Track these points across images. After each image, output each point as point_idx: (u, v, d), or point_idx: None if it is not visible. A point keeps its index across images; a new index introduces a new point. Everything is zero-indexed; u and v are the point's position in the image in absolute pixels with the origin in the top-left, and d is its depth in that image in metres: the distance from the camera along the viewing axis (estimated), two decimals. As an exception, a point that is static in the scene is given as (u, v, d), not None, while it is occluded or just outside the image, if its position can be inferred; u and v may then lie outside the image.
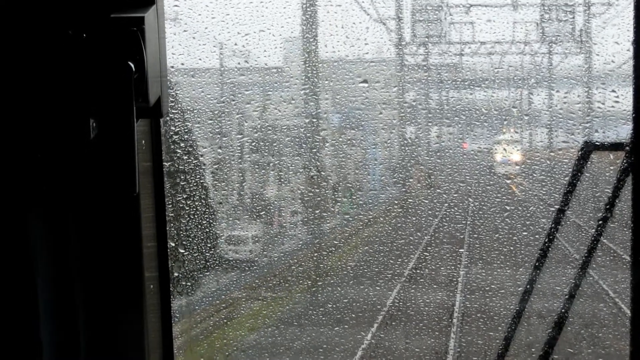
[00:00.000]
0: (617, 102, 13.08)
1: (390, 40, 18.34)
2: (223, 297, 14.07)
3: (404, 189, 18.10)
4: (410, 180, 17.98)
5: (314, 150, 16.98)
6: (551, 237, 4.84)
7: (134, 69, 2.04)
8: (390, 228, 16.71)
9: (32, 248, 2.11)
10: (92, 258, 2.23)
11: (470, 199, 16.32)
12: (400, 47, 18.69)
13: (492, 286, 13.26)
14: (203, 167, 15.02)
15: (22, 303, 2.12)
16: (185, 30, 12.64)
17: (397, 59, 18.68)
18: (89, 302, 2.24)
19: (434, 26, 19.38)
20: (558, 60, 18.76)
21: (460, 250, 15.58)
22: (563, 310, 4.64)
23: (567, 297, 4.71)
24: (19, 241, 2.10)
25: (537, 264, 4.86)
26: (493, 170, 19.05)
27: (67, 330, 2.21)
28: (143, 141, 2.30)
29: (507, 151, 19.99)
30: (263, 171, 16.78)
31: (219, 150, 15.09)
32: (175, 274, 10.49)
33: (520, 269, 12.91)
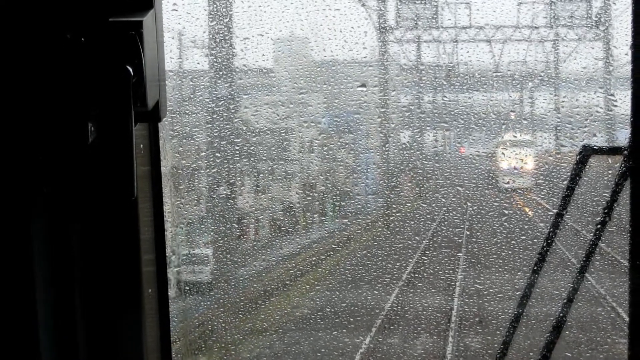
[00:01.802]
0: (615, 105, 13.07)
1: (373, 21, 17.71)
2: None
3: (393, 197, 17.87)
4: (408, 185, 17.85)
5: (306, 155, 16.94)
6: (549, 241, 4.84)
7: (132, 73, 2.04)
8: (384, 235, 16.70)
9: (31, 251, 2.11)
10: (90, 262, 2.23)
11: (469, 203, 16.29)
12: (386, 30, 18.02)
13: (490, 290, 13.26)
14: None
15: (21, 306, 2.12)
16: (183, 35, 12.66)
17: (385, 49, 18.00)
18: (88, 306, 2.24)
19: (426, 8, 18.50)
20: (559, 63, 18.47)
21: (458, 254, 15.58)
22: (561, 315, 4.64)
23: (565, 301, 4.71)
24: (18, 244, 2.10)
25: (535, 268, 4.86)
26: (495, 181, 18.02)
27: (65, 334, 2.21)
28: (141, 145, 2.30)
29: (510, 156, 18.05)
30: (238, 178, 16.34)
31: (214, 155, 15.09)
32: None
33: (519, 273, 12.92)
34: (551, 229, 4.87)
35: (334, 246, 17.05)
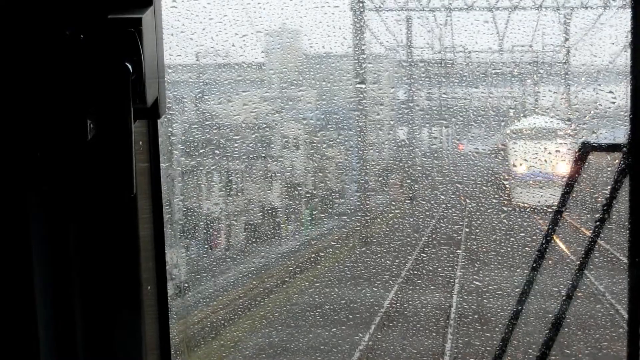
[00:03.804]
0: (613, 102, 13.02)
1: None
2: None
3: (392, 195, 17.66)
4: (408, 181, 17.71)
5: (303, 152, 16.88)
6: (548, 238, 4.84)
7: (131, 70, 2.04)
8: (383, 232, 16.70)
9: (30, 248, 2.11)
10: (89, 259, 2.23)
11: (468, 200, 16.25)
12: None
13: (489, 287, 13.27)
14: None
15: (20, 302, 2.12)
16: (183, 32, 12.65)
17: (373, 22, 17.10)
18: (87, 303, 2.24)
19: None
20: (557, 61, 18.02)
21: (457, 251, 15.59)
22: (560, 312, 4.64)
23: (564, 298, 4.71)
24: (16, 241, 2.10)
25: (534, 265, 4.86)
26: (504, 192, 12.70)
27: (64, 332, 2.20)
28: (140, 142, 2.30)
29: (530, 154, 12.41)
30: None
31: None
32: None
33: (517, 270, 12.92)
34: (550, 226, 4.87)
35: (333, 243, 17.07)
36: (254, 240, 16.50)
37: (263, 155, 16.65)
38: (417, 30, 17.79)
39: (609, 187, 4.20)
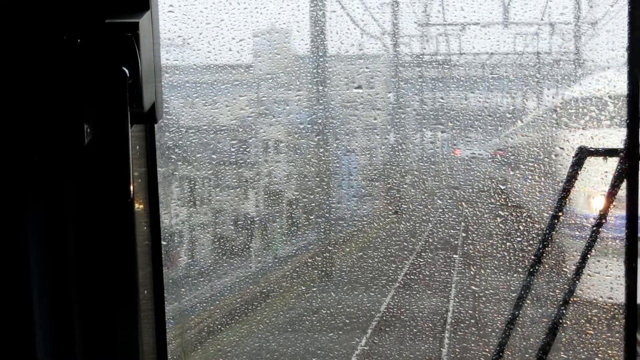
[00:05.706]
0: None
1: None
2: None
3: (389, 200, 17.60)
4: (404, 186, 17.65)
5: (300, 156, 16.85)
6: (545, 242, 4.84)
7: (128, 75, 2.04)
8: (380, 237, 16.68)
9: (27, 253, 2.11)
10: (86, 263, 2.23)
11: (465, 205, 16.22)
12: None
13: (486, 292, 13.27)
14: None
15: (18, 308, 2.12)
16: (179, 36, 12.66)
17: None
18: (84, 307, 2.24)
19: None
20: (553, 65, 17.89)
21: (454, 256, 15.58)
22: (557, 316, 4.65)
23: (561, 303, 4.71)
24: (14, 246, 2.10)
25: (531, 269, 4.87)
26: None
27: (61, 336, 2.20)
28: (137, 147, 2.30)
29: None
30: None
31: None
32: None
33: (515, 275, 12.92)
34: (547, 231, 4.87)
35: (329, 247, 17.06)
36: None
37: (260, 159, 16.64)
38: (413, 32, 17.78)
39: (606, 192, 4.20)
